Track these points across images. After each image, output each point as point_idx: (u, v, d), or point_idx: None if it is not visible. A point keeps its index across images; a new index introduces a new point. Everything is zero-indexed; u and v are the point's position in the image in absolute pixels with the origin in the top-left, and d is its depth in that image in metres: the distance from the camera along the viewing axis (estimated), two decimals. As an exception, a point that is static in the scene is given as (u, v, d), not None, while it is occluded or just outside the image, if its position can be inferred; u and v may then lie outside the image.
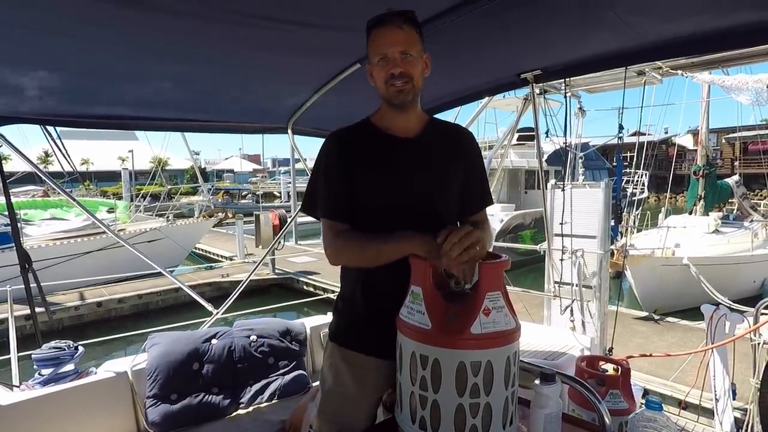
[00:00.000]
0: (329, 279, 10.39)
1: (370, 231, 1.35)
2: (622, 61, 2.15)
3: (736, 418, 3.69)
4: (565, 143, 3.74)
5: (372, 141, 1.40)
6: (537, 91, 2.92)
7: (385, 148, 1.40)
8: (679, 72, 3.67)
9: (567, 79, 2.67)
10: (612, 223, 3.86)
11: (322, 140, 1.49)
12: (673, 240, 9.12)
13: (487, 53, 2.07)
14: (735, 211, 12.60)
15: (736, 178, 13.25)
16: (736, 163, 28.26)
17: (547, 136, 3.58)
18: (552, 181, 4.10)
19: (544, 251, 4.13)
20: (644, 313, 8.03)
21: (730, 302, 4.11)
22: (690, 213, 11.97)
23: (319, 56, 1.94)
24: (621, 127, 3.92)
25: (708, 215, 11.32)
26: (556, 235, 3.85)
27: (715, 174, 12.09)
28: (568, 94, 2.96)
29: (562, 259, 3.86)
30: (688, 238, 9.83)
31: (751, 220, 11.63)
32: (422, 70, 1.37)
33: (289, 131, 2.98)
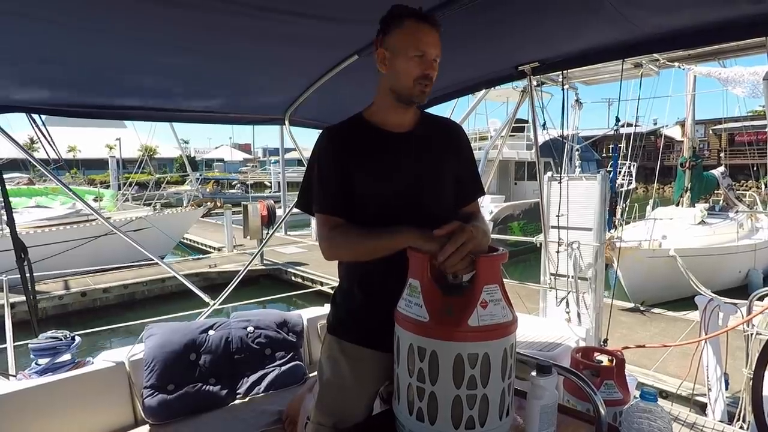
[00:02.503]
0: (317, 270, 10.41)
1: (365, 225, 1.35)
2: (620, 54, 2.15)
3: (728, 409, 3.74)
4: (562, 135, 3.74)
5: (367, 136, 1.40)
6: (534, 83, 2.92)
7: (381, 143, 1.40)
8: (676, 64, 3.67)
9: (564, 71, 2.67)
10: (606, 215, 3.87)
11: (318, 131, 1.49)
12: (659, 231, 9.19)
13: (485, 46, 2.07)
14: (721, 202, 12.69)
15: (721, 169, 13.34)
16: (722, 154, 28.44)
17: (544, 128, 3.58)
18: (549, 173, 4.11)
19: (540, 243, 4.14)
20: (630, 305, 8.09)
21: (712, 294, 4.15)
22: (677, 204, 12.07)
23: (317, 47, 1.93)
24: (617, 120, 3.92)
25: (694, 206, 11.40)
26: (552, 227, 3.86)
27: (701, 165, 12.17)
28: (566, 87, 2.96)
29: (558, 251, 3.87)
30: (674, 229, 9.90)
31: (736, 211, 11.72)
32: None
33: (286, 122, 2.96)
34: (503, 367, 1.16)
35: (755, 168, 17.75)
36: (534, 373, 1.29)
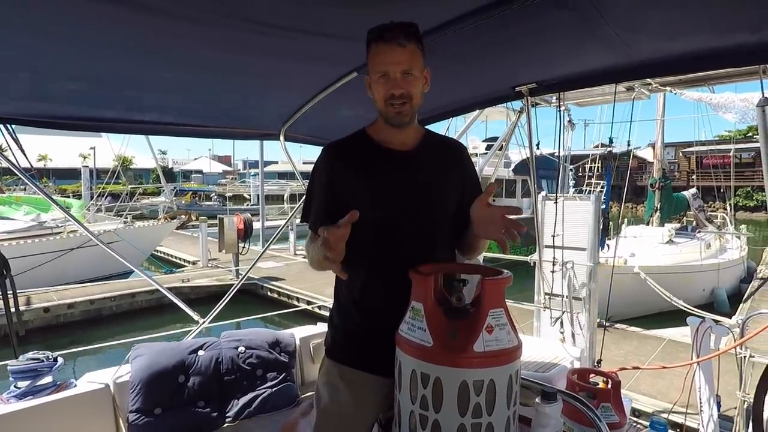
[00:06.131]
0: (294, 285, 10.19)
1: (366, 244, 1.32)
2: (617, 77, 2.16)
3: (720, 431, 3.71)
4: (558, 156, 3.77)
5: (369, 153, 1.39)
6: (530, 103, 2.93)
7: (382, 161, 1.38)
8: (668, 88, 3.74)
9: (560, 93, 2.68)
10: (600, 235, 3.89)
11: (313, 147, 1.47)
12: (628, 249, 9.34)
13: (483, 66, 2.07)
14: (693, 223, 13.09)
15: (693, 191, 13.86)
16: (693, 176, 29.35)
17: (538, 148, 3.60)
18: (543, 192, 4.12)
19: (533, 262, 4.14)
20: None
21: (686, 306, 4.16)
22: (647, 224, 12.41)
23: (316, 64, 1.91)
24: (611, 140, 3.96)
25: (664, 226, 11.73)
26: (546, 246, 3.86)
27: (670, 186, 12.60)
28: (562, 108, 2.98)
29: (553, 271, 3.86)
30: (642, 247, 10.14)
31: (699, 231, 12.11)
32: (422, 87, 1.35)
33: (282, 138, 2.93)
34: (508, 394, 1.13)
35: (721, 190, 18.40)
36: (538, 400, 1.26)
